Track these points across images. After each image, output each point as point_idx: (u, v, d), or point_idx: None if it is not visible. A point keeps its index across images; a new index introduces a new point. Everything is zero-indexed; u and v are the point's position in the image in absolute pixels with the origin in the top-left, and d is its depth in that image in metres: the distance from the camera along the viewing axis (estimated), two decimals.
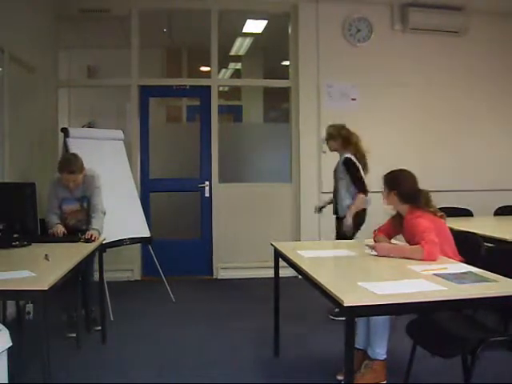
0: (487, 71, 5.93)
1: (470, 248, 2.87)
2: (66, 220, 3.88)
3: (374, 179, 5.63)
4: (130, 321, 4.18)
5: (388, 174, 3.11)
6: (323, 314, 4.15)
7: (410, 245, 2.92)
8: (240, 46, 7.04)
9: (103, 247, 3.63)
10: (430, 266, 2.56)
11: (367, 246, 3.01)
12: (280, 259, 3.28)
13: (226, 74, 7.86)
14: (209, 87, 5.82)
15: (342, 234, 4.15)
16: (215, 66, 5.82)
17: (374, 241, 3.11)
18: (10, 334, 2.26)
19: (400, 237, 3.30)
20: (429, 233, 2.77)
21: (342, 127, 4.38)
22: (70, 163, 3.75)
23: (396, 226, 3.15)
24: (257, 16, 6.12)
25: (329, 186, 5.71)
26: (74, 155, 3.88)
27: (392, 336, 2.89)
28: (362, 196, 4.18)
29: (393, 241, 3.19)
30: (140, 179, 5.73)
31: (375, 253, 2.92)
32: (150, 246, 4.84)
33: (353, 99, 5.76)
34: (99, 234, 3.66)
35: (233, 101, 7.96)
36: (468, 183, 5.79)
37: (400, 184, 3.02)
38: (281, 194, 5.89)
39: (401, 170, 3.10)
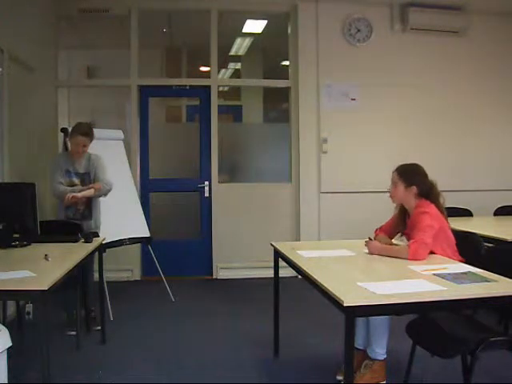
0: (487, 71, 5.93)
1: (470, 248, 2.87)
2: None
3: (374, 179, 5.68)
4: (129, 321, 4.18)
5: (404, 168, 3.04)
6: (323, 315, 4.15)
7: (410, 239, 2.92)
8: (240, 46, 7.03)
9: (103, 247, 3.63)
10: (430, 265, 2.56)
11: (365, 245, 3.02)
12: (280, 259, 3.28)
13: (225, 74, 7.86)
14: (208, 87, 5.82)
15: None
16: (215, 66, 5.82)
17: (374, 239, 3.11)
18: (10, 334, 2.26)
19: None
20: (424, 232, 2.77)
21: None
22: (84, 126, 3.97)
23: (398, 224, 3.15)
24: (256, 16, 6.11)
25: (329, 186, 5.74)
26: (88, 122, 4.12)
27: (392, 336, 2.88)
28: None
29: (394, 240, 3.18)
30: (140, 179, 5.73)
31: (367, 250, 2.95)
32: (149, 246, 4.84)
33: (352, 99, 5.76)
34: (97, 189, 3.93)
35: (233, 101, 7.95)
36: (468, 183, 5.79)
37: (421, 178, 2.99)
38: (281, 194, 5.89)
39: (416, 165, 3.06)
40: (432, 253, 2.81)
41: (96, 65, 6.53)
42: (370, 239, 3.03)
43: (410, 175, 3.00)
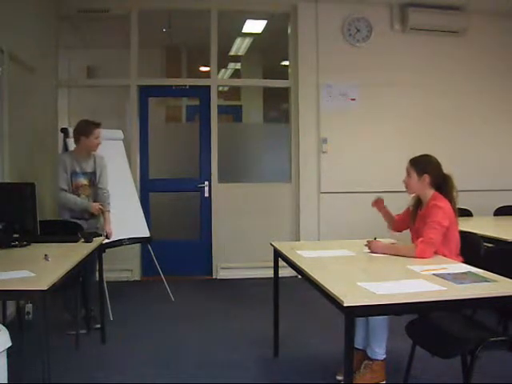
0: (487, 71, 5.92)
1: (470, 248, 2.88)
2: (78, 196, 4.01)
3: (374, 179, 5.67)
4: (129, 321, 4.18)
5: (417, 158, 3.09)
6: (323, 315, 4.15)
7: (416, 233, 2.94)
8: (239, 46, 7.04)
9: (103, 247, 3.63)
10: (430, 266, 2.56)
11: (366, 245, 3.02)
12: (280, 259, 3.28)
13: (225, 74, 7.86)
14: (208, 87, 5.82)
15: None
16: (215, 66, 5.82)
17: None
18: (10, 334, 2.26)
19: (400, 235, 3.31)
20: (434, 229, 2.79)
21: None
22: (89, 120, 4.05)
23: (411, 218, 3.16)
24: (256, 16, 6.11)
25: (329, 186, 5.74)
26: None
27: (392, 336, 2.88)
28: None
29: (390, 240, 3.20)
30: (139, 179, 5.73)
31: (369, 250, 2.97)
32: (149, 246, 4.85)
33: (352, 99, 5.76)
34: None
35: (233, 101, 7.95)
36: (468, 183, 5.77)
37: (433, 167, 3.02)
38: (281, 193, 5.89)
39: (429, 155, 3.10)
40: (435, 252, 2.82)
41: (96, 65, 6.54)
42: (375, 239, 3.04)
43: (422, 164, 3.04)
